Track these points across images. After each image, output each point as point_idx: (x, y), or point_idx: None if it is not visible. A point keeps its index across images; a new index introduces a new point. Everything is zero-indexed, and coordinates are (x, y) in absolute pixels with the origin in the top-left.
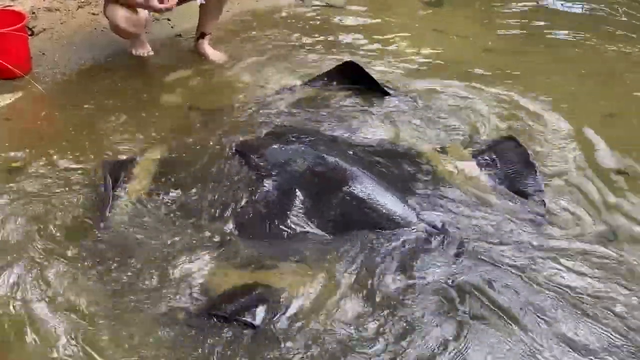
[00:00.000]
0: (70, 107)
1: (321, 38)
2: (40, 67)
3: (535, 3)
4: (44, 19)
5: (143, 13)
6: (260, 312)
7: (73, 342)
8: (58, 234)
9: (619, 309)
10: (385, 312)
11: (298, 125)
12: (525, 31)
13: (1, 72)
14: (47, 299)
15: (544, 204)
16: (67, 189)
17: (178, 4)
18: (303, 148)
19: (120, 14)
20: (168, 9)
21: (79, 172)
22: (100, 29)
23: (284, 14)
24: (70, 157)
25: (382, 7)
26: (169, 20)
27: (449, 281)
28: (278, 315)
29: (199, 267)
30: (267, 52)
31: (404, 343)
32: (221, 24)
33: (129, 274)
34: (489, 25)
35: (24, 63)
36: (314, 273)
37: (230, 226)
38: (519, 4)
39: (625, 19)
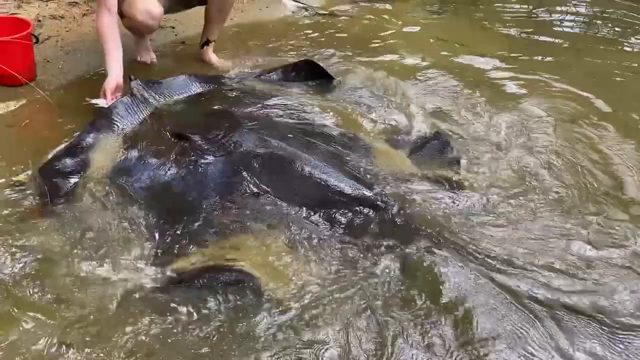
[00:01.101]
0: (74, 114)
1: (323, 46)
2: (45, 74)
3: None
4: (49, 26)
5: (158, 7)
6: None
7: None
8: None
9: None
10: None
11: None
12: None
13: (6, 79)
14: None
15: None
16: None
17: (183, 9)
18: (246, 131)
19: (140, 8)
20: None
21: None
22: None
23: (287, 23)
24: None
25: (385, 16)
26: (172, 28)
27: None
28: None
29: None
30: (271, 60)
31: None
32: (225, 32)
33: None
34: (490, 32)
35: (29, 70)
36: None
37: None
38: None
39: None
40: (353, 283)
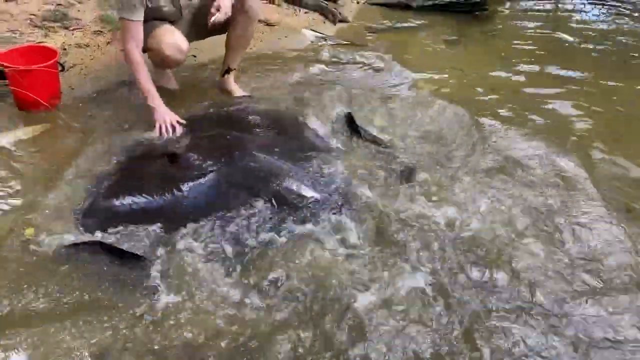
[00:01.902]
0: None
1: (343, 75)
2: (69, 101)
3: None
4: (75, 54)
5: (186, 41)
6: None
7: None
8: None
9: None
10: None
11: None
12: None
13: (33, 104)
14: None
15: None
16: None
17: (204, 37)
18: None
19: (168, 42)
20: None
21: None
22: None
23: (306, 52)
24: None
25: (402, 46)
26: (194, 56)
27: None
28: None
29: None
30: (288, 90)
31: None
32: (245, 59)
33: None
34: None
35: (54, 97)
36: None
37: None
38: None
39: None
40: None
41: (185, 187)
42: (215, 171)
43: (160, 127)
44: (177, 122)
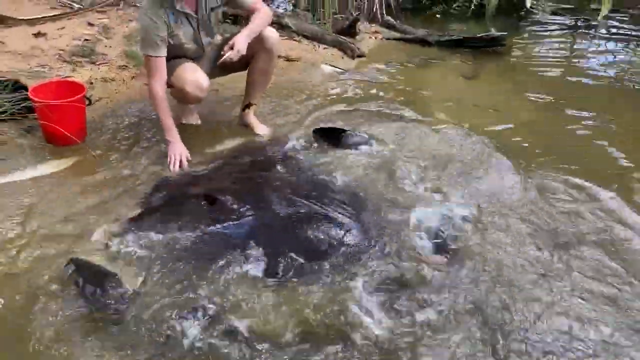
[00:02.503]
0: (120, 175)
1: (362, 108)
2: (94, 134)
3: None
4: (100, 88)
5: (206, 79)
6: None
7: None
8: None
9: None
10: None
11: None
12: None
13: (60, 139)
14: None
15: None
16: None
17: (226, 74)
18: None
19: (189, 79)
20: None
21: None
22: None
23: (325, 87)
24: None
25: (419, 81)
26: (216, 91)
27: None
28: None
29: None
30: (309, 123)
31: None
32: (266, 93)
33: None
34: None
35: (81, 131)
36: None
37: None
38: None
39: None
40: None
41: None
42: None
43: (170, 161)
44: (187, 158)
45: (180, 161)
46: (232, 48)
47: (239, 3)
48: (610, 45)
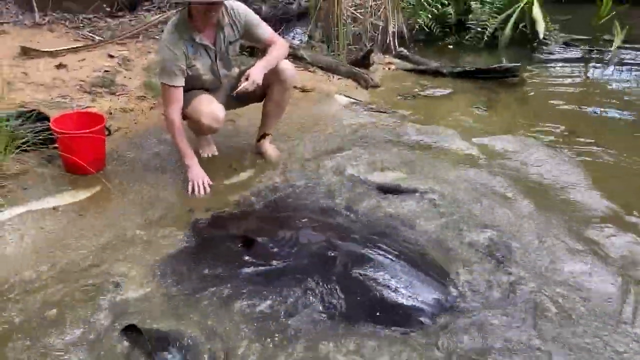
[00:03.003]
0: (138, 204)
1: (376, 139)
2: (113, 165)
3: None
4: (119, 118)
5: (222, 111)
6: None
7: None
8: None
9: None
10: None
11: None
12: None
13: (79, 169)
14: None
15: None
16: None
17: (242, 106)
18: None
19: (203, 112)
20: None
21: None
22: None
23: (339, 117)
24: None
25: (434, 112)
26: (232, 121)
27: None
28: None
29: None
30: (324, 154)
31: None
32: (281, 123)
33: None
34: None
35: (100, 161)
36: None
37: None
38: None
39: None
40: None
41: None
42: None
43: (193, 186)
44: (208, 184)
45: (203, 186)
46: (247, 79)
47: (256, 36)
48: (624, 76)
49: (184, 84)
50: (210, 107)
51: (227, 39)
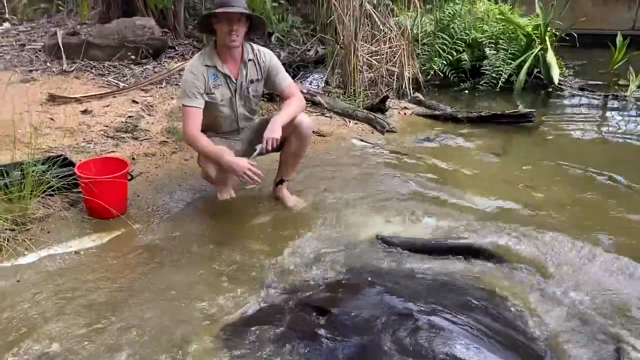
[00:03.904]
0: (159, 249)
1: (395, 181)
2: (134, 208)
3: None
4: (142, 163)
5: None
6: None
7: None
8: None
9: None
10: None
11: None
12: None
13: (102, 212)
14: None
15: None
16: None
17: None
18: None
19: (211, 164)
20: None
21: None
22: (190, 173)
23: (357, 161)
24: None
25: (450, 156)
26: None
27: None
28: None
29: None
30: (342, 196)
31: None
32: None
33: None
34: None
35: (122, 205)
36: None
37: None
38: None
39: None
40: None
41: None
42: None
43: (247, 177)
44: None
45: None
46: (266, 142)
47: (277, 82)
48: None
49: (202, 106)
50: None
51: (250, 76)
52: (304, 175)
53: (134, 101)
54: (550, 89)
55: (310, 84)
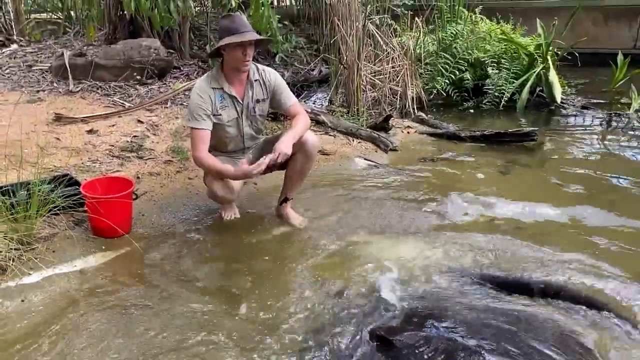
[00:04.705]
0: (162, 270)
1: (398, 202)
2: (139, 227)
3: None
4: (146, 182)
5: (238, 183)
6: None
7: None
8: None
9: None
10: None
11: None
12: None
13: (107, 231)
14: None
15: None
16: None
17: (265, 173)
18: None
19: (218, 184)
20: (259, 172)
21: None
22: (195, 192)
23: (359, 179)
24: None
25: (453, 175)
26: (255, 184)
27: None
28: None
29: None
30: (347, 215)
31: None
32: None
33: None
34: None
35: (127, 224)
36: None
37: None
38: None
39: None
40: None
41: None
42: None
43: (258, 171)
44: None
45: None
46: (276, 152)
47: (281, 103)
48: None
49: (210, 128)
50: (224, 180)
51: (256, 96)
52: (309, 196)
53: (139, 121)
54: (553, 108)
55: (314, 103)
